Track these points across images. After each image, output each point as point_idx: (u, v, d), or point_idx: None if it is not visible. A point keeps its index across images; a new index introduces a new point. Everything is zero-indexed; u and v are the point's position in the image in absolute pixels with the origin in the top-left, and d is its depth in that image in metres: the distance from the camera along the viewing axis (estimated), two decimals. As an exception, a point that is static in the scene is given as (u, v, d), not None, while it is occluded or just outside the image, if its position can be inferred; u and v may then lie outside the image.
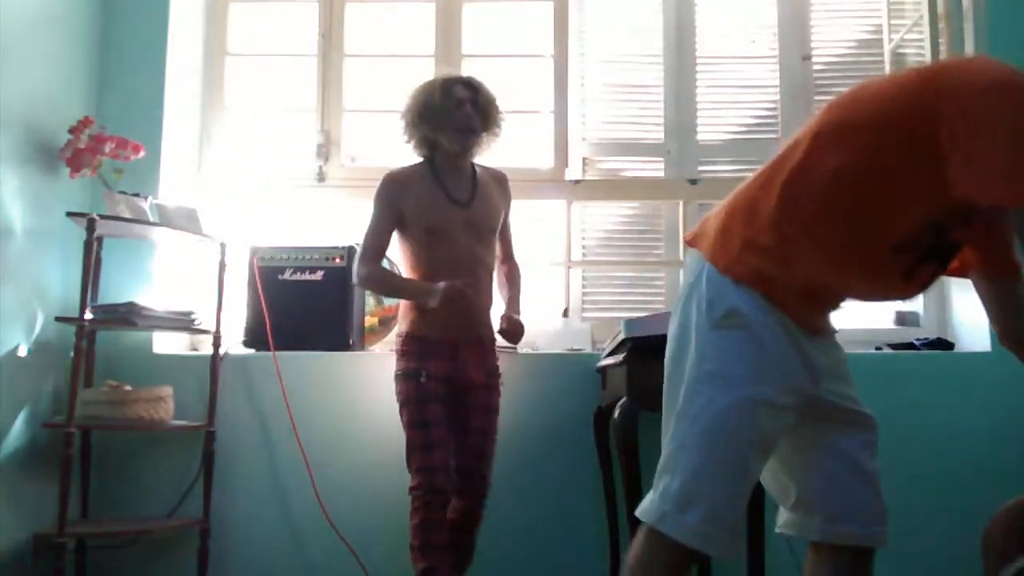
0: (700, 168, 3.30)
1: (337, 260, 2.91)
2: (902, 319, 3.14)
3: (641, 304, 3.23)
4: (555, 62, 3.32)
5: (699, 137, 3.33)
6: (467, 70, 3.31)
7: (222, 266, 2.83)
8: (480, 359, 2.46)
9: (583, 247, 3.30)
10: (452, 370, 2.41)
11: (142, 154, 2.77)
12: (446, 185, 2.48)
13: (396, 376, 2.42)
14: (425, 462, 2.30)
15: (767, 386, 1.42)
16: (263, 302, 2.85)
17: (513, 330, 2.46)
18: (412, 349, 2.41)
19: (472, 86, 2.53)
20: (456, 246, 2.44)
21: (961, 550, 2.53)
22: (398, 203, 2.45)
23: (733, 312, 1.43)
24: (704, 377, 1.44)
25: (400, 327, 2.48)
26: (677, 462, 1.43)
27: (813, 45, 3.34)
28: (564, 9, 3.33)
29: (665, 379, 1.53)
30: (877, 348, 3.01)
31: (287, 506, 2.80)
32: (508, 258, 2.66)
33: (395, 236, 2.51)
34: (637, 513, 1.47)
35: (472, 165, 2.56)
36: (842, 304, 1.57)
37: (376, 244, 2.46)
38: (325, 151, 3.28)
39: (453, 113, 2.45)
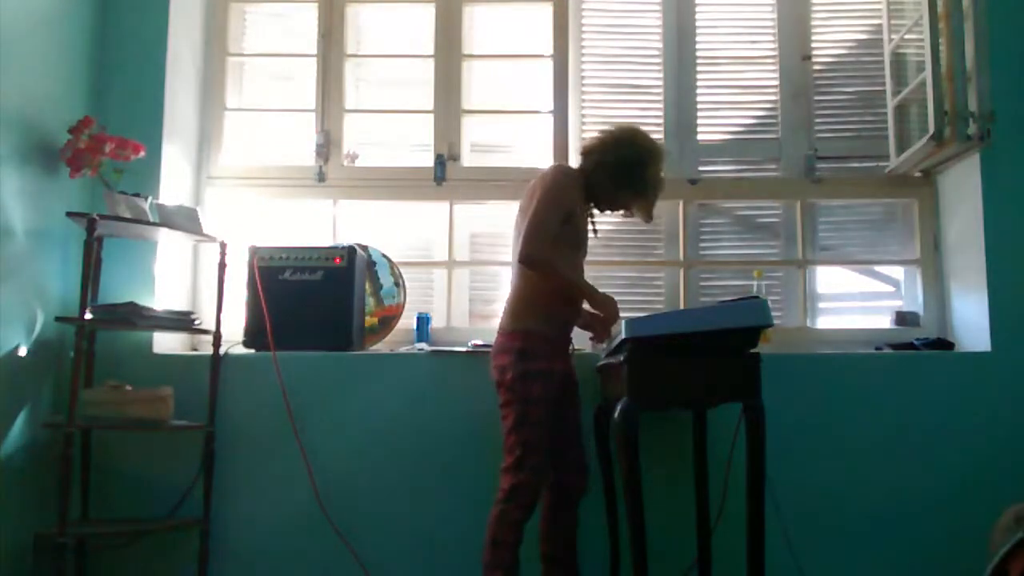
0: (700, 168, 3.30)
1: (337, 260, 2.91)
2: (902, 319, 3.14)
3: (641, 304, 3.23)
4: (555, 62, 3.31)
5: (699, 137, 3.33)
6: (467, 70, 3.32)
7: (222, 266, 2.83)
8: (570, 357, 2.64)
9: (583, 247, 3.30)
10: (568, 369, 2.55)
11: (142, 154, 2.77)
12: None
13: (521, 374, 2.38)
14: (539, 463, 2.36)
15: None
16: (263, 302, 2.85)
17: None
18: (541, 348, 2.44)
19: None
20: (582, 256, 2.62)
21: (961, 549, 2.54)
22: (576, 197, 2.52)
23: None
24: None
25: (524, 323, 2.46)
26: None
27: (813, 45, 3.34)
28: (564, 9, 3.33)
29: None
30: (877, 348, 3.01)
31: (287, 506, 2.80)
32: None
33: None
34: None
35: None
36: None
37: (553, 230, 2.41)
38: (325, 151, 3.28)
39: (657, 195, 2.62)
